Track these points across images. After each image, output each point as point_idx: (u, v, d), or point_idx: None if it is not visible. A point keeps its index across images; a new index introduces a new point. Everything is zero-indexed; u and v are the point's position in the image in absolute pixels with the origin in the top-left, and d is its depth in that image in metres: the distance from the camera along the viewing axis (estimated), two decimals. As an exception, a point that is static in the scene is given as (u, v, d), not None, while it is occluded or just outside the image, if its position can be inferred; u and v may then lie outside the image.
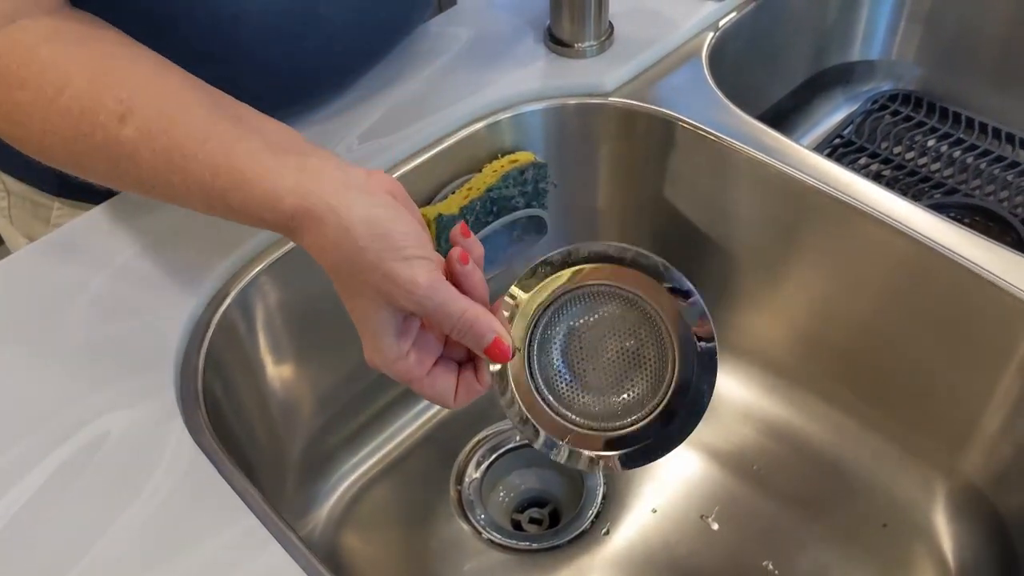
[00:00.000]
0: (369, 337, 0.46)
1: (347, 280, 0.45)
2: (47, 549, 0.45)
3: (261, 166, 0.45)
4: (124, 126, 0.46)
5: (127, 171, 0.47)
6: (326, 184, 0.44)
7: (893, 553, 0.67)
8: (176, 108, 0.47)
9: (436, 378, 0.48)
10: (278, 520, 0.47)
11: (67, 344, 0.54)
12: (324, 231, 0.44)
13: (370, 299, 0.45)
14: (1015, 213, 0.85)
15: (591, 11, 0.71)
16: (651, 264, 0.49)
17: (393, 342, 0.46)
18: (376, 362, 0.47)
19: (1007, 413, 0.61)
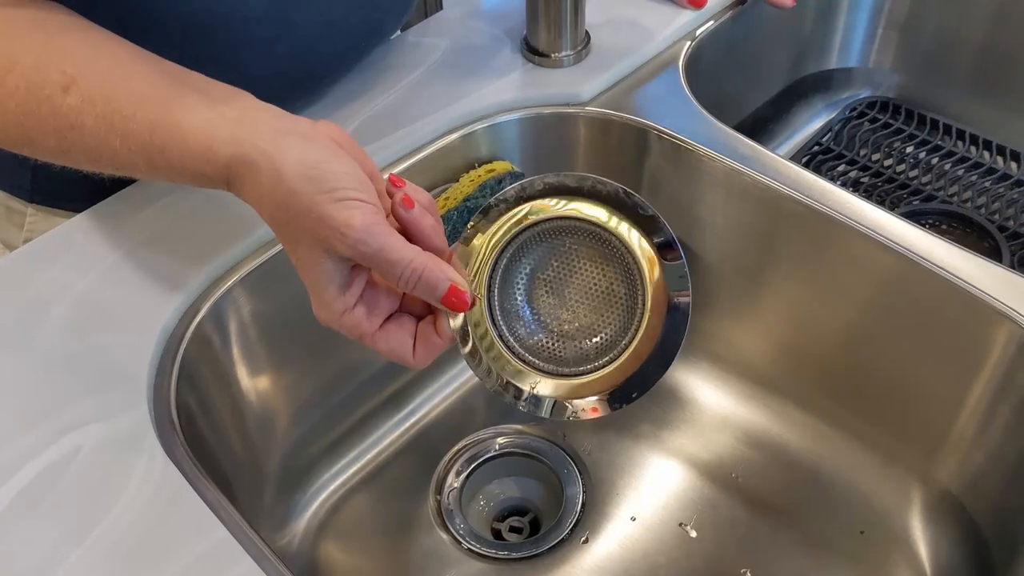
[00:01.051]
0: (314, 290, 0.44)
1: (285, 229, 0.43)
2: (18, 564, 0.45)
3: (197, 118, 0.44)
4: (68, 95, 0.46)
5: (74, 142, 0.47)
6: (262, 131, 0.43)
7: (870, 560, 0.67)
8: (119, 75, 0.47)
9: (390, 333, 0.46)
10: (251, 533, 0.47)
11: (39, 358, 0.54)
12: (259, 178, 0.43)
13: (309, 247, 0.43)
14: (992, 219, 0.85)
15: (567, 21, 0.71)
16: (611, 191, 0.46)
17: (337, 294, 0.44)
18: (323, 317, 0.45)
19: (980, 420, 0.61)
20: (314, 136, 0.44)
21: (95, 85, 0.46)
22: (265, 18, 0.60)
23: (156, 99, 0.46)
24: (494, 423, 0.77)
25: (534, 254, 0.47)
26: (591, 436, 0.76)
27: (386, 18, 0.70)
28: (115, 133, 0.46)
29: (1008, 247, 0.82)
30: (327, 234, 0.42)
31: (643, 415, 0.77)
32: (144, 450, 0.50)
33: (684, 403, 0.77)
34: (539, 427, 0.77)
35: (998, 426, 0.60)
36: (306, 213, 0.42)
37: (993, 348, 0.58)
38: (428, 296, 0.44)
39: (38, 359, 0.54)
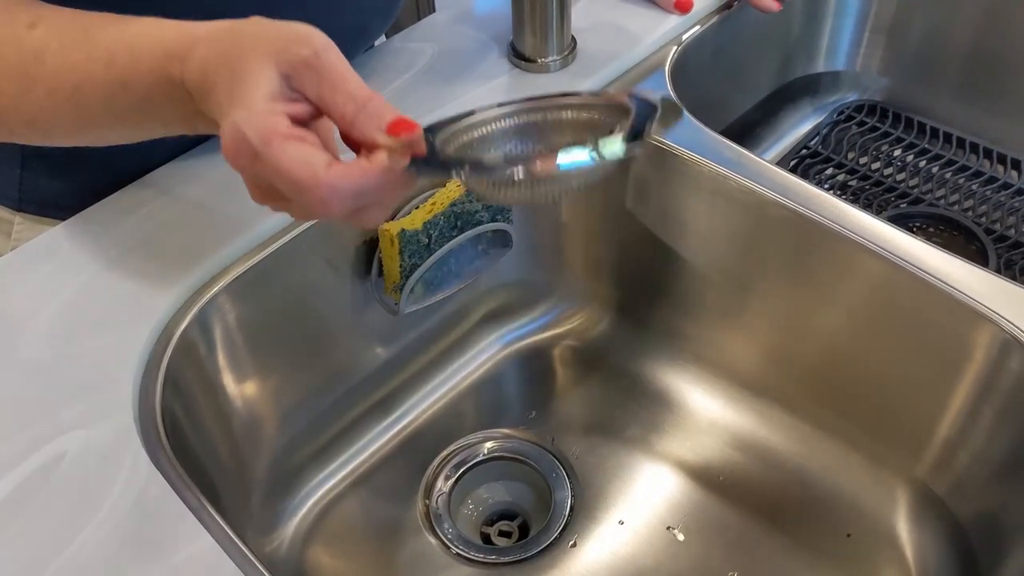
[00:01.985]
0: (242, 95, 0.39)
1: (234, 39, 0.41)
2: (1, 571, 0.45)
3: (167, 23, 0.44)
4: (34, 30, 0.47)
5: (35, 76, 0.46)
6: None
7: (857, 562, 0.67)
8: (85, 16, 0.47)
9: (303, 141, 0.39)
10: (236, 539, 0.47)
11: (24, 364, 0.54)
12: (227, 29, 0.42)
13: (255, 59, 0.40)
14: (978, 222, 0.86)
15: (553, 26, 0.71)
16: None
17: (266, 94, 0.39)
18: (238, 118, 0.39)
19: (964, 422, 0.62)
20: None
21: (63, 19, 0.47)
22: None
23: (123, 21, 0.46)
24: (483, 427, 0.77)
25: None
26: (580, 440, 0.76)
27: (371, 21, 0.70)
28: (79, 49, 0.45)
29: (995, 250, 0.83)
30: (284, 38, 0.40)
31: (631, 419, 0.77)
32: (128, 457, 0.50)
33: (672, 407, 0.78)
34: (527, 431, 0.77)
35: (982, 428, 0.61)
36: (267, 29, 0.41)
37: (976, 350, 0.58)
38: (373, 124, 0.40)
39: (23, 366, 0.54)
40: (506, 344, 0.82)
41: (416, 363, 0.78)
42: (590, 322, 0.83)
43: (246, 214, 0.61)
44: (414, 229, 0.66)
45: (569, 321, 0.83)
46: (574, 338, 0.83)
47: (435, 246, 0.68)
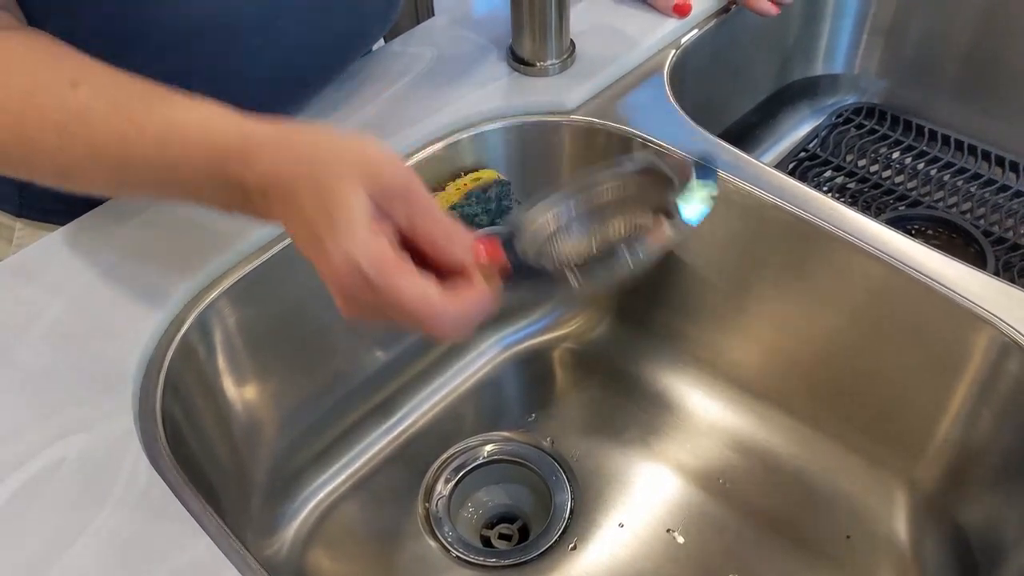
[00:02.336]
0: (338, 220, 0.40)
1: (312, 167, 0.41)
2: (3, 574, 0.45)
3: (216, 108, 0.45)
4: (77, 89, 0.46)
5: (77, 135, 0.46)
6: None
7: (857, 564, 0.68)
8: (126, 78, 0.47)
9: (415, 273, 0.40)
10: (235, 543, 0.47)
11: (25, 369, 0.54)
12: (291, 135, 0.43)
13: (341, 179, 0.40)
14: (977, 225, 0.86)
15: (552, 30, 0.72)
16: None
17: (367, 221, 0.40)
18: (345, 246, 0.39)
19: (963, 424, 0.62)
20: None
21: (106, 82, 0.46)
22: (253, 27, 0.60)
23: (167, 97, 0.46)
24: (482, 431, 0.77)
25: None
26: (579, 442, 0.76)
27: (370, 25, 0.70)
28: (127, 117, 0.45)
29: (993, 252, 0.83)
30: (371, 162, 0.41)
31: (631, 421, 0.77)
32: (129, 460, 0.50)
33: (671, 409, 0.78)
34: (527, 434, 0.77)
35: (981, 430, 0.61)
36: (345, 148, 0.41)
37: (975, 353, 0.58)
38: (459, 249, 0.42)
39: (23, 370, 0.54)
40: (505, 347, 0.82)
41: (415, 366, 0.78)
42: (589, 325, 0.83)
43: (243, 220, 0.61)
44: (413, 232, 0.66)
45: (568, 324, 0.83)
46: (573, 341, 0.83)
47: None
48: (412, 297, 0.40)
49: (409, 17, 1.66)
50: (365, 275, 0.39)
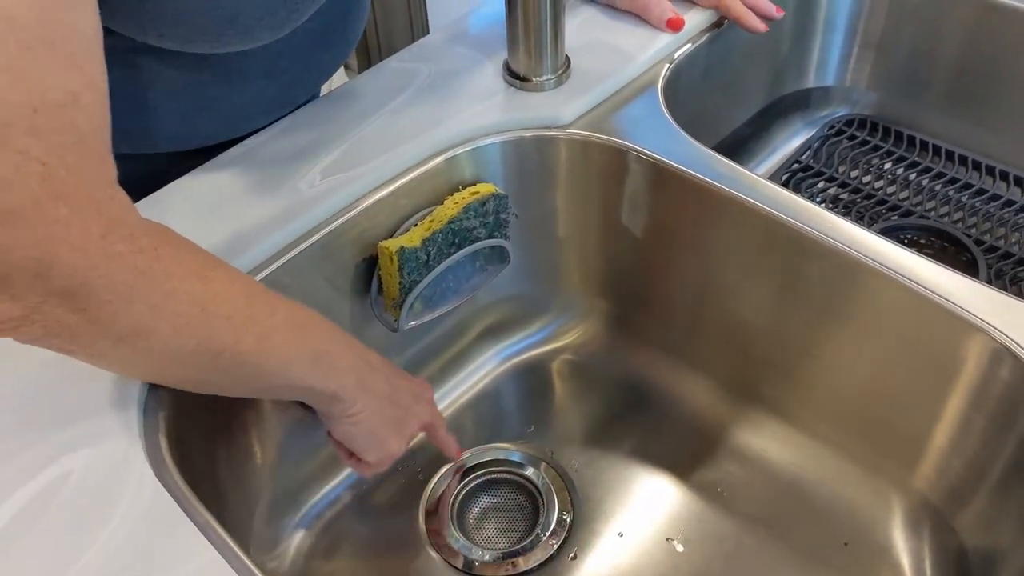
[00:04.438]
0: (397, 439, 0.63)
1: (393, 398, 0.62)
2: (9, 589, 0.46)
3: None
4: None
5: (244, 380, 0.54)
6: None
7: (854, 571, 0.68)
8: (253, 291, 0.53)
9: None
10: (239, 553, 0.48)
11: (31, 384, 0.54)
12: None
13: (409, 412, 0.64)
14: (968, 234, 0.87)
15: (547, 45, 0.73)
16: None
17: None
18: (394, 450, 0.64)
19: (956, 430, 0.63)
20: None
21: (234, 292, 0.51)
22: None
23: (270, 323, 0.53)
24: (482, 442, 0.78)
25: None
26: (578, 453, 0.77)
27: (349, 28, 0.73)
28: (247, 332, 0.51)
29: (985, 260, 0.84)
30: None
31: (629, 431, 0.78)
32: (134, 474, 0.50)
33: (669, 419, 0.79)
34: (527, 445, 0.77)
35: (975, 436, 0.62)
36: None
37: (968, 360, 0.59)
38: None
39: (28, 386, 0.54)
40: (504, 359, 0.83)
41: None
42: (587, 336, 0.84)
43: (246, 234, 0.62)
44: (413, 247, 0.67)
45: (566, 335, 0.84)
46: (572, 352, 0.84)
47: (434, 263, 0.69)
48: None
49: (405, 34, 1.68)
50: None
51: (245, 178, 0.67)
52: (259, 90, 0.69)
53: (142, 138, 0.67)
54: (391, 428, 0.62)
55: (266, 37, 0.61)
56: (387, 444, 0.63)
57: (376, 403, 0.60)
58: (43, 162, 0.40)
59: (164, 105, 0.65)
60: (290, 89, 0.72)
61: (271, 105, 0.71)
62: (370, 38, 1.75)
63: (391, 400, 0.62)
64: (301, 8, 0.62)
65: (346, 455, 0.64)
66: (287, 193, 0.66)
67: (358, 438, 0.61)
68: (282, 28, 0.62)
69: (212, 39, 0.59)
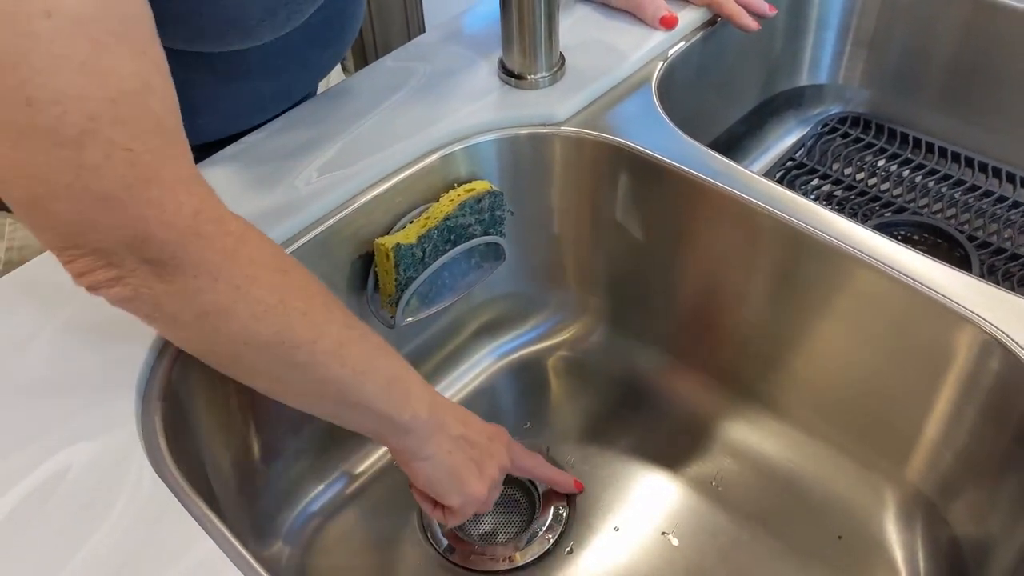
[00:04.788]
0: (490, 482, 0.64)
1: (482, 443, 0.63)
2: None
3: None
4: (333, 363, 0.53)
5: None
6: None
7: (848, 564, 0.69)
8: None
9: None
10: (237, 544, 0.48)
11: (30, 380, 0.55)
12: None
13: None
14: (961, 230, 0.88)
15: (542, 43, 0.73)
16: None
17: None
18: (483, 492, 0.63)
19: (948, 422, 0.63)
20: None
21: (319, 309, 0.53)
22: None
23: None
24: (479, 438, 0.78)
25: None
26: (574, 449, 0.77)
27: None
28: (335, 362, 0.53)
29: (978, 256, 0.84)
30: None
31: (625, 427, 0.78)
32: (132, 468, 0.51)
33: (665, 415, 0.79)
34: (523, 441, 0.77)
35: (966, 428, 0.62)
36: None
37: (958, 352, 0.60)
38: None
39: (28, 382, 0.55)
40: (501, 356, 0.84)
41: (412, 376, 0.79)
42: (583, 333, 0.85)
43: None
44: (409, 243, 0.67)
45: (562, 332, 0.85)
46: (567, 349, 0.84)
47: (429, 259, 0.69)
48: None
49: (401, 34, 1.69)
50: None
51: (242, 175, 0.67)
52: (256, 88, 0.69)
53: None
54: (470, 470, 0.61)
55: (267, 37, 0.62)
56: (468, 486, 0.61)
57: (450, 442, 0.60)
58: (129, 148, 0.43)
59: None
60: (287, 87, 0.72)
61: (268, 103, 0.72)
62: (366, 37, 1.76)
63: (466, 439, 0.61)
64: (302, 8, 0.63)
65: (431, 506, 0.64)
66: (284, 190, 0.66)
67: (437, 481, 0.60)
68: (283, 28, 0.63)
69: (214, 39, 0.60)
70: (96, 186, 0.42)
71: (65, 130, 0.41)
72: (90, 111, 0.41)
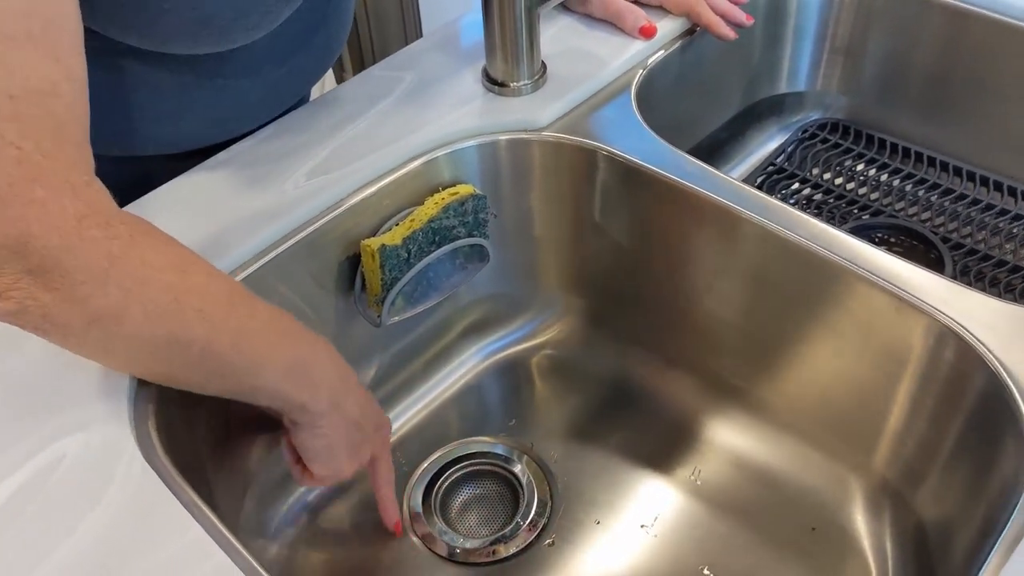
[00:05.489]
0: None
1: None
2: (7, 560, 0.49)
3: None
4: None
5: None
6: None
7: (822, 555, 0.71)
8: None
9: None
10: (224, 530, 0.51)
11: (27, 374, 0.57)
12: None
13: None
14: (936, 232, 0.90)
15: (523, 52, 0.76)
16: None
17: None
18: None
19: (908, 412, 0.66)
20: None
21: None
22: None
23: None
24: (465, 435, 0.80)
25: None
26: (558, 444, 0.80)
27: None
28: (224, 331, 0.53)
29: (951, 257, 0.87)
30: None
31: (607, 423, 0.81)
32: (124, 458, 0.53)
33: (645, 411, 0.81)
34: (509, 438, 0.80)
35: (924, 416, 0.65)
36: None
37: (916, 343, 0.62)
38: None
39: (24, 375, 0.57)
40: (487, 356, 0.86)
41: (400, 375, 0.81)
42: (566, 332, 0.87)
43: (233, 232, 0.65)
44: (394, 244, 0.70)
45: (546, 332, 0.87)
46: (551, 348, 0.87)
47: (414, 260, 0.72)
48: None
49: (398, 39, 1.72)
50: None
51: (233, 180, 0.70)
52: (242, 93, 0.72)
53: (129, 139, 0.70)
54: (349, 450, 0.63)
55: (241, 39, 0.64)
56: (340, 463, 0.63)
57: (343, 424, 0.61)
58: (18, 146, 0.43)
59: (148, 107, 0.68)
60: (274, 92, 0.75)
61: (255, 108, 0.74)
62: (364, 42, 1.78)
63: (357, 425, 0.63)
64: (274, 11, 0.65)
65: (293, 459, 0.64)
66: (274, 194, 0.69)
67: (314, 451, 0.61)
68: (256, 30, 0.65)
69: (187, 40, 0.62)
70: None
71: None
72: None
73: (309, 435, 0.60)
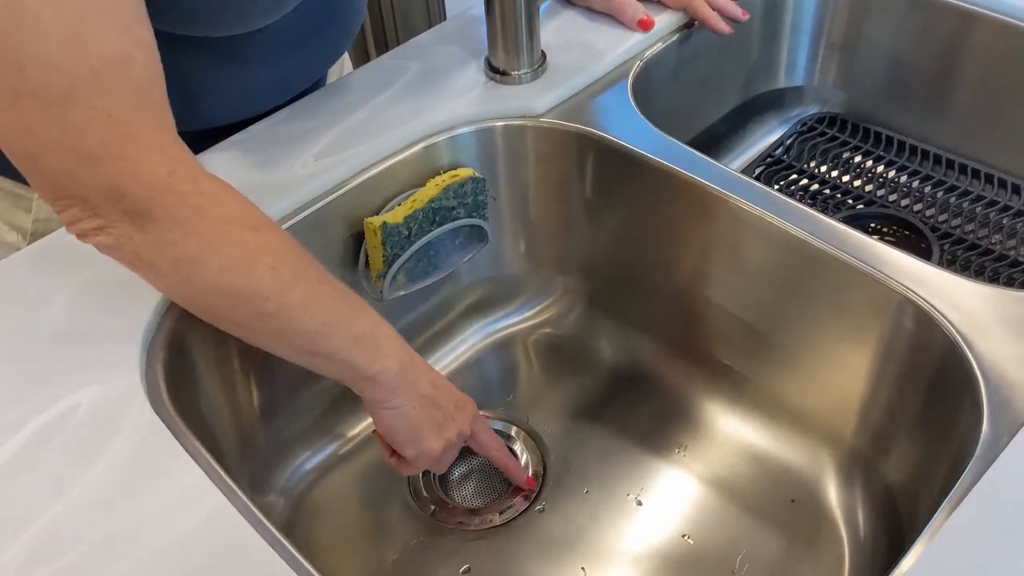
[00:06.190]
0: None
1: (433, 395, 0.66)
2: (26, 496, 0.53)
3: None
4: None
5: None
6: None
7: (799, 526, 0.74)
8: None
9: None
10: (225, 476, 0.55)
11: (50, 333, 0.62)
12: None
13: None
14: (926, 222, 0.92)
15: (523, 42, 0.79)
16: None
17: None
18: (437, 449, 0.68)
19: (874, 381, 0.69)
20: None
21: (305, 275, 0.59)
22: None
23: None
24: (464, 409, 0.84)
25: None
26: (552, 419, 0.83)
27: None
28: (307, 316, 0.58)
29: (939, 245, 0.89)
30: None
31: (599, 399, 0.84)
32: (134, 407, 0.57)
33: (636, 388, 0.85)
34: (506, 412, 0.84)
35: (888, 384, 0.68)
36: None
37: (884, 319, 0.65)
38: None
39: (45, 337, 0.62)
40: (487, 334, 0.90)
41: (403, 350, 0.85)
42: (562, 312, 0.90)
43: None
44: (395, 222, 0.74)
45: (544, 312, 0.91)
46: (548, 327, 0.90)
47: (415, 238, 0.76)
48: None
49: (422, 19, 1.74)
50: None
51: (246, 159, 0.74)
52: (259, 74, 0.76)
53: None
54: (430, 427, 0.66)
55: (258, 22, 0.69)
56: (425, 442, 0.66)
57: (417, 399, 0.64)
58: (108, 113, 0.49)
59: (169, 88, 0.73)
60: (290, 74, 0.79)
61: (271, 90, 0.78)
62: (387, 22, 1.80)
63: (433, 401, 0.66)
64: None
65: (388, 451, 0.69)
66: (283, 173, 0.73)
67: (398, 431, 0.65)
68: (275, 12, 0.69)
69: (209, 22, 0.66)
70: (79, 144, 0.49)
71: (50, 94, 0.48)
72: (72, 78, 0.48)
73: (388, 414, 0.64)
